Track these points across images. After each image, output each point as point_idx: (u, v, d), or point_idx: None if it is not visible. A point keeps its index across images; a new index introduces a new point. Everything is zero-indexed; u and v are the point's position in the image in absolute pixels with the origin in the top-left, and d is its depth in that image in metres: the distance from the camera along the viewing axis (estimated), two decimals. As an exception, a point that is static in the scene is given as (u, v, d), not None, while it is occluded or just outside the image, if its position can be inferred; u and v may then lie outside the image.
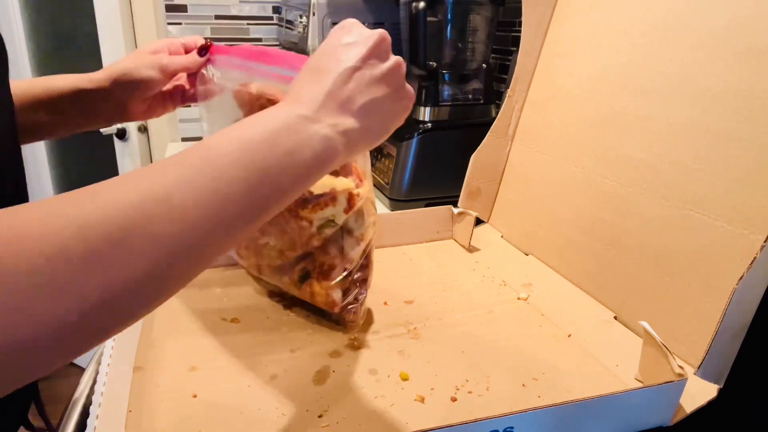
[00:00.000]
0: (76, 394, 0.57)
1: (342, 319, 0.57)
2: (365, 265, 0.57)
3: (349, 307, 0.56)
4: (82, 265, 0.23)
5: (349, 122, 0.32)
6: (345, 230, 0.55)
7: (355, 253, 0.54)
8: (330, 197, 0.53)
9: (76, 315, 0.23)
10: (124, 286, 0.24)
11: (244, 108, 0.54)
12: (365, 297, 0.57)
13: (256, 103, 0.51)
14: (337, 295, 0.55)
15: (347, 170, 0.53)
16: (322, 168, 0.31)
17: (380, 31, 0.36)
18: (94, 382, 0.49)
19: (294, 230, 0.55)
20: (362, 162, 0.55)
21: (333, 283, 0.55)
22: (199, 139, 0.35)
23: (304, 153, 0.30)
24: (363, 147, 0.34)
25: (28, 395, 0.53)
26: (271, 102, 0.49)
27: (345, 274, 0.55)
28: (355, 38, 0.35)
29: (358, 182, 0.53)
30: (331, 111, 0.32)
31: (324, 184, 0.52)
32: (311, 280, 0.56)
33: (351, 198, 0.53)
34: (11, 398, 0.41)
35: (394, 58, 0.36)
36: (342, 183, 0.53)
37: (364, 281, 0.57)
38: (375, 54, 0.35)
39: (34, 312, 0.22)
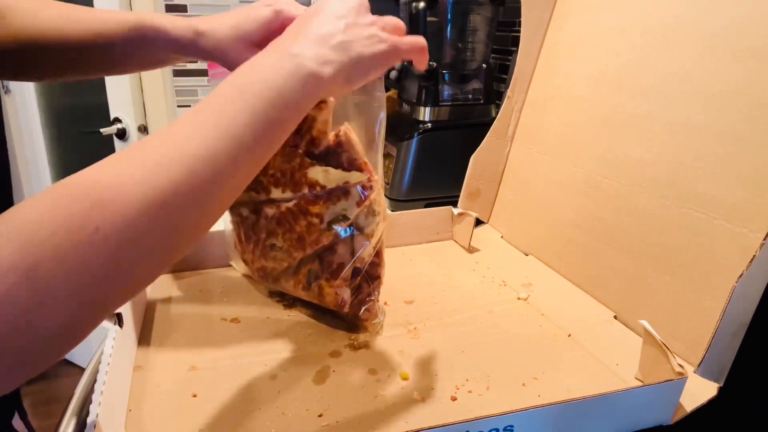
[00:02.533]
0: (76, 394, 0.57)
1: (356, 319, 0.57)
2: (377, 263, 0.57)
3: (363, 306, 0.56)
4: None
5: (329, 54, 0.37)
6: (355, 227, 0.55)
7: (365, 251, 0.54)
8: (343, 191, 0.53)
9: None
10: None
11: None
12: (379, 294, 0.57)
13: None
14: (346, 294, 0.55)
15: (359, 165, 0.53)
16: (311, 96, 0.37)
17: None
18: (94, 382, 0.49)
19: (303, 228, 0.55)
20: (374, 159, 0.55)
21: (342, 282, 0.55)
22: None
23: (295, 85, 0.35)
24: (343, 80, 0.38)
25: (12, 402, 0.53)
26: None
27: (355, 272, 0.55)
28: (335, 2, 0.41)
29: (370, 176, 0.54)
30: (313, 46, 0.37)
31: (337, 177, 0.52)
32: (320, 280, 0.56)
33: (364, 189, 0.53)
34: None
35: (371, 17, 0.41)
36: (355, 176, 0.53)
37: (376, 278, 0.57)
38: (354, 12, 0.40)
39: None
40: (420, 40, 0.44)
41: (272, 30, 0.51)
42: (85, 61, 0.52)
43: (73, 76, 0.54)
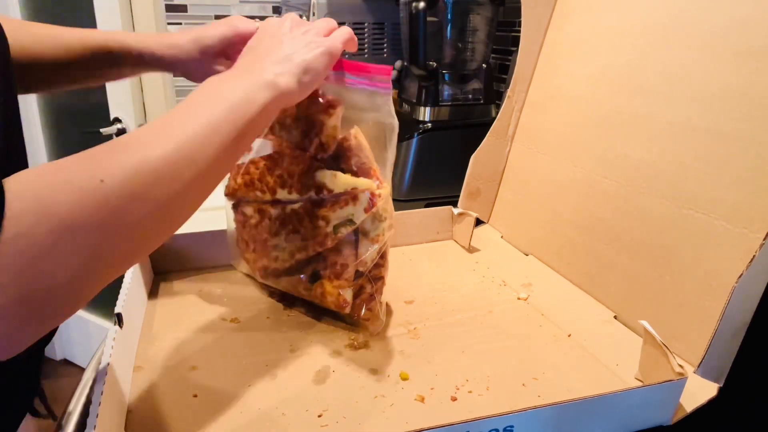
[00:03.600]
0: (76, 394, 0.57)
1: (357, 319, 0.57)
2: (381, 264, 0.57)
3: (365, 306, 0.56)
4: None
5: (280, 68, 0.44)
6: (360, 231, 0.54)
7: (368, 255, 0.54)
8: (351, 196, 0.53)
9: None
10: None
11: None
12: (381, 295, 0.57)
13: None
14: (348, 295, 0.55)
15: (368, 169, 0.53)
16: (273, 101, 0.42)
17: (291, 15, 0.49)
18: (94, 382, 0.49)
19: (308, 230, 0.55)
20: (382, 165, 0.55)
21: (345, 282, 0.55)
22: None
23: (259, 93, 0.41)
24: (297, 84, 0.44)
25: (33, 384, 0.54)
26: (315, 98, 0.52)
27: (357, 274, 0.55)
28: (276, 24, 0.48)
29: (379, 183, 0.53)
30: (266, 65, 0.44)
31: (345, 183, 0.52)
32: (322, 280, 0.56)
33: (372, 197, 0.53)
34: (17, 388, 0.48)
35: (305, 26, 0.48)
36: (363, 183, 0.52)
37: (379, 279, 0.57)
38: (288, 28, 0.48)
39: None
40: (346, 30, 0.50)
41: (229, 43, 0.58)
42: (60, 77, 0.58)
43: (49, 89, 0.61)
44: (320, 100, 0.52)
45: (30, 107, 1.77)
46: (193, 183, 0.36)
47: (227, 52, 0.60)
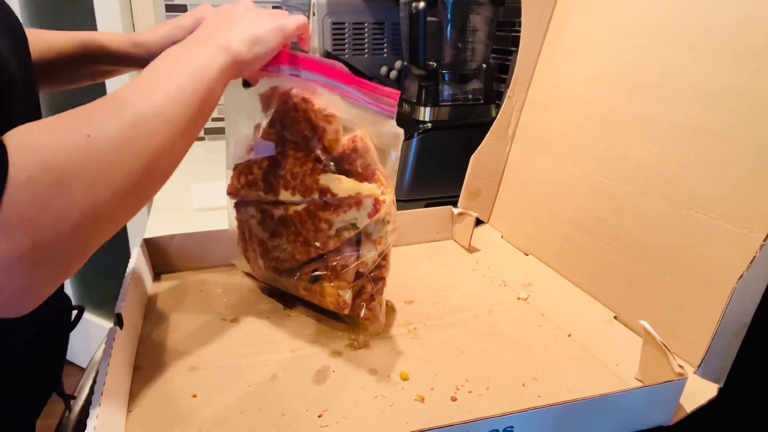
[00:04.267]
0: (76, 394, 0.57)
1: (357, 319, 0.57)
2: (382, 265, 0.57)
3: (366, 307, 0.56)
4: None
5: (234, 36, 0.46)
6: (363, 233, 0.54)
7: (370, 257, 0.54)
8: (355, 201, 0.52)
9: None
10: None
11: (268, 110, 0.55)
12: (382, 295, 0.57)
13: (288, 105, 0.53)
14: (348, 296, 0.55)
15: (372, 176, 0.53)
16: (226, 73, 0.45)
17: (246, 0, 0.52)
18: (94, 382, 0.49)
19: (310, 232, 0.54)
20: (387, 168, 0.54)
21: (345, 283, 0.55)
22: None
23: (214, 55, 0.44)
24: (248, 51, 0.47)
25: (58, 365, 0.57)
26: (304, 103, 0.52)
27: (358, 275, 0.55)
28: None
29: (383, 189, 0.53)
30: (222, 34, 0.46)
31: (349, 188, 0.52)
32: (322, 281, 0.56)
33: (376, 203, 0.52)
34: (43, 367, 0.52)
35: (260, 10, 0.51)
36: (367, 188, 0.52)
37: (380, 279, 0.57)
38: (242, 9, 0.50)
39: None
40: (300, 16, 0.52)
41: None
42: (40, 78, 0.59)
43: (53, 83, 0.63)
44: (316, 112, 0.52)
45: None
46: (171, 139, 0.39)
47: None
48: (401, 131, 0.52)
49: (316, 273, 0.56)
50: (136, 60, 0.61)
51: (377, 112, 0.51)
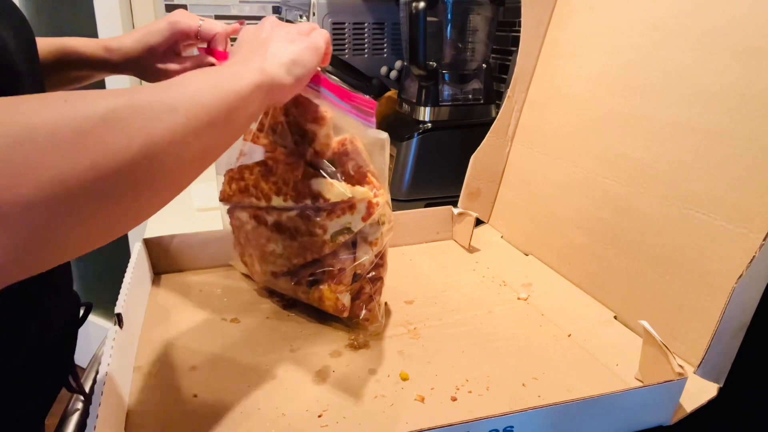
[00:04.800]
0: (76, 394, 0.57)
1: (356, 321, 0.57)
2: (380, 264, 0.57)
3: (364, 307, 0.56)
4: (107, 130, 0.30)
5: (268, 60, 0.44)
6: (359, 236, 0.54)
7: (367, 259, 0.54)
8: (348, 205, 0.52)
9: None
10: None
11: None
12: (380, 296, 0.57)
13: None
14: (346, 299, 0.55)
15: (364, 178, 0.53)
16: (259, 92, 0.41)
17: (270, 18, 0.49)
18: (94, 381, 0.49)
19: (305, 237, 0.54)
20: (379, 166, 0.54)
21: (343, 287, 0.55)
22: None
23: (247, 76, 0.41)
24: (286, 73, 0.44)
25: (68, 361, 0.57)
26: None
27: (355, 277, 0.55)
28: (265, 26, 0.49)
29: (376, 191, 0.53)
30: (255, 58, 0.43)
31: (342, 192, 0.52)
32: (320, 285, 0.56)
33: (369, 206, 0.52)
34: (53, 363, 0.51)
35: (287, 26, 0.48)
36: (360, 192, 0.52)
37: (378, 279, 0.57)
38: (269, 29, 0.48)
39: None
40: (325, 32, 0.50)
41: (172, 40, 0.61)
42: None
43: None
44: (311, 105, 0.52)
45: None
46: (178, 133, 0.34)
47: (174, 48, 0.64)
48: (386, 135, 0.53)
49: (314, 277, 0.56)
50: (110, 65, 0.62)
51: (359, 121, 0.52)
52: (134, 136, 0.31)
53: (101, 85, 1.54)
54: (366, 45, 1.18)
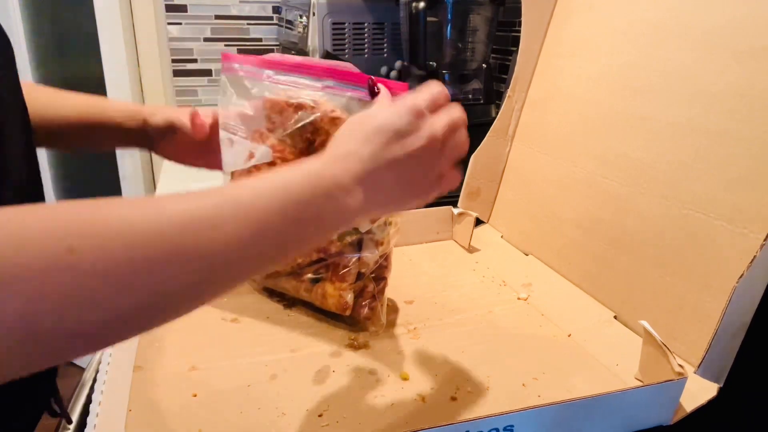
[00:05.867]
0: (76, 394, 0.57)
1: (358, 319, 0.57)
2: (384, 265, 0.57)
3: (367, 307, 0.56)
4: (146, 268, 0.26)
5: (373, 200, 0.35)
6: (366, 235, 0.54)
7: (371, 257, 0.54)
8: None
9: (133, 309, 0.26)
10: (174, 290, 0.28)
11: (269, 115, 0.54)
12: (384, 296, 0.57)
13: (288, 110, 0.52)
14: (349, 297, 0.55)
15: None
16: (338, 226, 0.34)
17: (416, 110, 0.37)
18: (94, 381, 0.49)
19: None
20: None
21: (347, 284, 0.55)
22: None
23: (331, 220, 0.33)
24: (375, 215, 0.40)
25: (50, 384, 0.55)
26: (297, 107, 0.51)
27: (359, 276, 0.55)
28: (404, 122, 0.36)
29: None
30: (362, 186, 0.34)
31: None
32: (324, 281, 0.56)
33: None
34: (35, 388, 0.48)
35: (431, 126, 0.37)
36: None
37: (382, 279, 0.57)
38: (406, 127, 0.36)
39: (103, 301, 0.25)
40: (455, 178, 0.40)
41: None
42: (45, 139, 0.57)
43: (54, 148, 0.60)
44: (323, 115, 0.52)
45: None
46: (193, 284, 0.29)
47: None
48: None
49: (318, 274, 0.56)
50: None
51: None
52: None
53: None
54: (366, 45, 1.18)
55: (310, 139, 0.53)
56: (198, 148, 0.59)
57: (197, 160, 0.61)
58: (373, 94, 0.48)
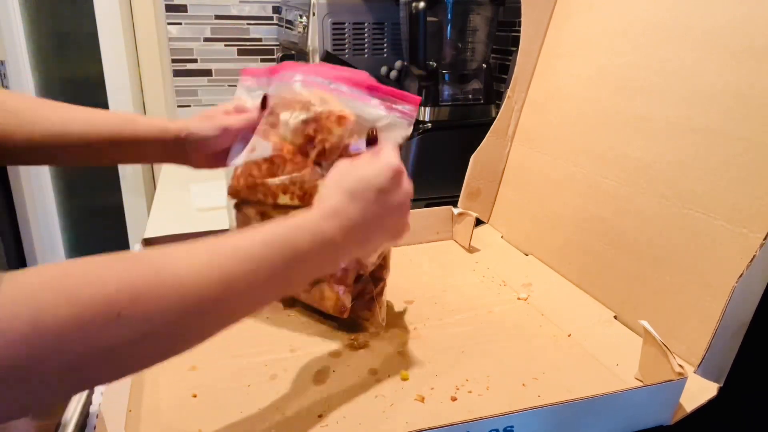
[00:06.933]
0: (76, 394, 0.57)
1: (358, 320, 0.57)
2: (383, 265, 0.57)
3: (366, 307, 0.56)
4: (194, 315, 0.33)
5: (359, 249, 0.44)
6: None
7: (370, 259, 0.54)
8: None
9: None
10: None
11: (270, 110, 0.55)
12: (383, 297, 0.57)
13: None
14: (347, 300, 0.55)
15: None
16: (329, 271, 0.47)
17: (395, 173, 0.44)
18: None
19: None
20: None
21: (345, 287, 0.54)
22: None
23: (324, 268, 0.43)
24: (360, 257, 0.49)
25: None
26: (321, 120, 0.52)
27: (358, 277, 0.55)
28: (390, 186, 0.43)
29: None
30: (351, 239, 0.41)
31: None
32: (322, 284, 0.56)
33: None
34: None
35: (405, 187, 0.45)
36: None
37: (381, 280, 0.57)
38: (388, 188, 0.43)
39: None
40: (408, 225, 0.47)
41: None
42: (86, 157, 0.56)
43: (74, 164, 0.59)
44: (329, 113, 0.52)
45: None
46: (217, 324, 0.35)
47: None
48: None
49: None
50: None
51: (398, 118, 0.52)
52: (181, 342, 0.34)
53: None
54: (366, 45, 1.18)
55: (311, 135, 0.53)
56: (222, 152, 0.59)
57: (219, 162, 0.61)
58: (370, 143, 0.52)
